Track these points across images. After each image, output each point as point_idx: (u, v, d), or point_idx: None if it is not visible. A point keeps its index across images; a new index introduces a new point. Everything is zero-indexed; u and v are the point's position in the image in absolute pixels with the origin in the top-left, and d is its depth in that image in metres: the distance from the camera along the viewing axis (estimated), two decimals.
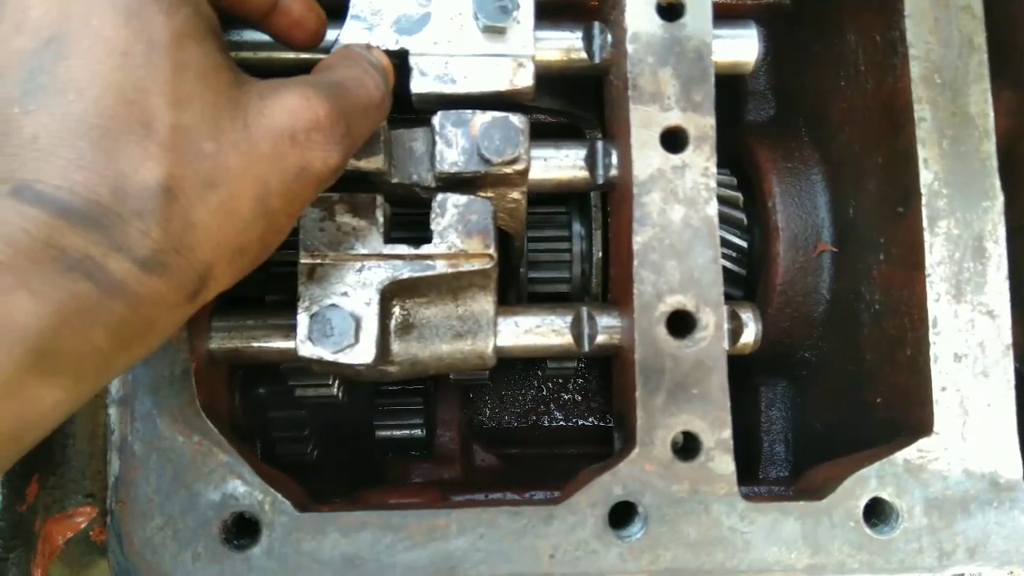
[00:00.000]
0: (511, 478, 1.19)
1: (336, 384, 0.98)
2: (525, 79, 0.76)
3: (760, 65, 1.08)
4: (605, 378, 1.35)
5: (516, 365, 1.37)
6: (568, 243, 1.01)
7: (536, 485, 1.06)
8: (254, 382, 1.03)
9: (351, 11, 0.75)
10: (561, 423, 1.40)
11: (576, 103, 0.96)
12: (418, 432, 1.17)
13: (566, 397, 1.41)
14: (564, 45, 0.80)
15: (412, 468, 1.17)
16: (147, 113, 0.51)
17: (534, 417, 1.41)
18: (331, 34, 0.73)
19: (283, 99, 0.58)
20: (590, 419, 1.39)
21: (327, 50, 0.73)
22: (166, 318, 0.54)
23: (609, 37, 0.80)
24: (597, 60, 0.81)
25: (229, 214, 0.55)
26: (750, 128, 1.03)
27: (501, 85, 0.76)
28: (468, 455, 1.20)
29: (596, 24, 0.81)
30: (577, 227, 1.01)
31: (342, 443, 1.18)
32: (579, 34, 0.80)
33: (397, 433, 1.16)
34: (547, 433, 1.38)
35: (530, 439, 1.35)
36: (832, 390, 0.94)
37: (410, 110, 0.77)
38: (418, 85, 0.75)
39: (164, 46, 0.53)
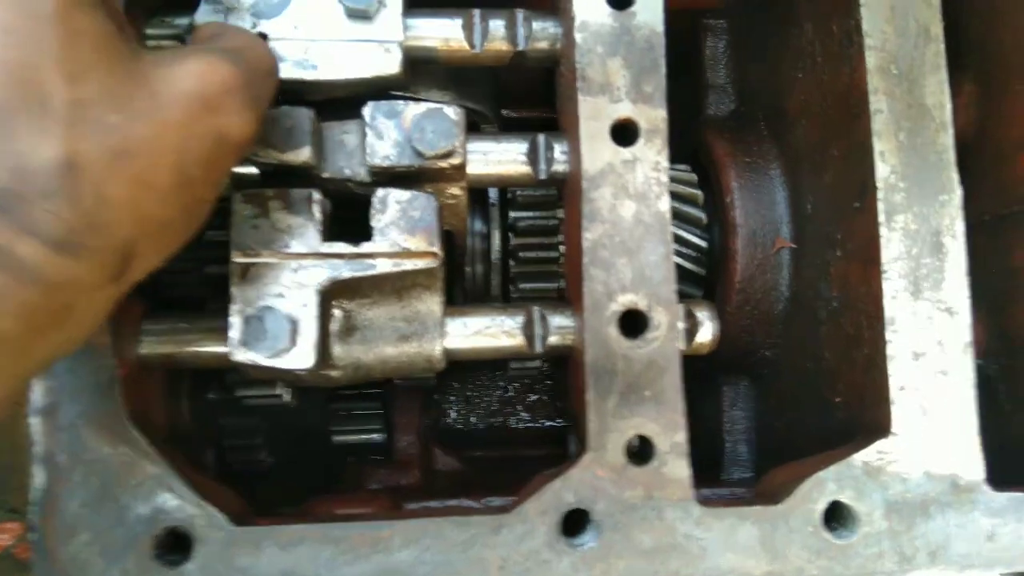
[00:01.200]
0: (471, 483, 1.16)
1: (285, 389, 0.94)
2: (392, 66, 0.73)
3: (721, 58, 1.06)
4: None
5: (482, 366, 1.34)
6: (467, 238, 0.97)
7: (496, 490, 1.04)
8: (204, 387, 0.99)
9: None
10: (528, 424, 1.38)
11: (469, 97, 0.93)
12: (376, 436, 1.14)
13: (533, 398, 1.39)
14: (443, 34, 0.77)
15: (369, 474, 1.13)
16: (41, 89, 0.48)
17: (501, 418, 1.38)
18: (185, 19, 0.70)
19: (188, 65, 0.56)
20: (557, 420, 1.37)
21: (179, 37, 0.70)
22: (87, 302, 0.51)
23: (534, 26, 0.78)
24: (522, 47, 0.77)
25: (146, 186, 0.52)
26: (710, 122, 1.01)
27: (366, 71, 0.73)
28: (427, 459, 1.17)
29: (520, 12, 0.78)
30: (477, 224, 0.98)
31: (297, 449, 1.14)
32: (459, 22, 0.77)
33: (354, 438, 1.13)
34: (514, 434, 1.36)
35: (496, 441, 1.32)
36: (793, 389, 0.92)
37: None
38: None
39: (51, 18, 0.49)
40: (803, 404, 0.89)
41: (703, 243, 0.96)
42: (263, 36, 0.71)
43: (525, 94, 0.96)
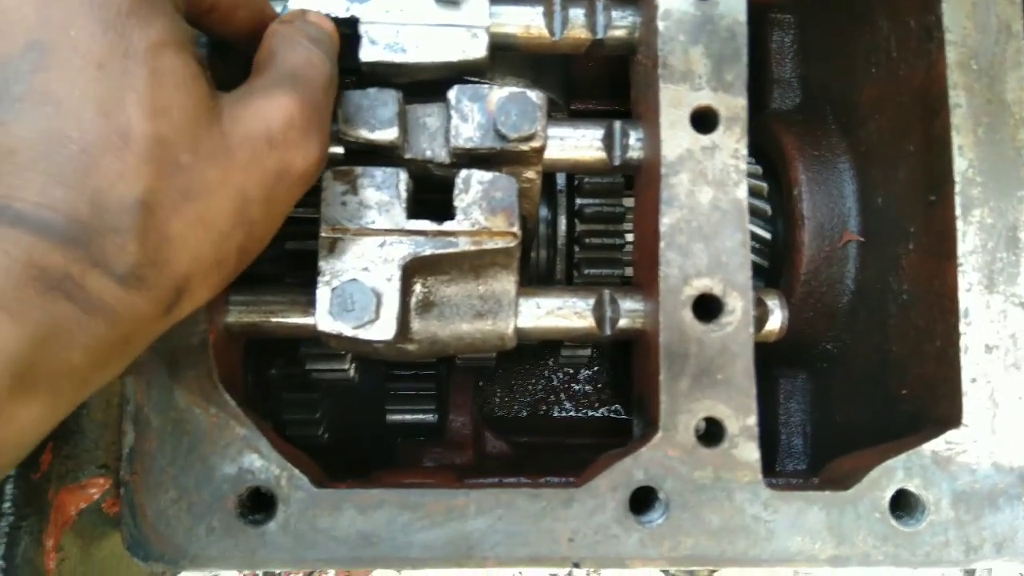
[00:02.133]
0: (524, 465, 1.18)
1: (352, 365, 0.97)
2: (478, 50, 0.75)
3: (787, 53, 1.07)
4: (616, 368, 1.34)
5: (526, 354, 1.35)
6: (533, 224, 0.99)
7: (550, 473, 1.05)
8: (266, 364, 1.02)
9: None
10: (571, 414, 1.39)
11: (542, 85, 0.95)
12: (430, 417, 1.16)
13: (576, 387, 1.40)
14: (524, 20, 0.79)
15: (424, 452, 1.15)
16: (125, 125, 0.51)
17: (544, 407, 1.40)
18: (279, 4, 0.72)
19: (254, 104, 0.58)
20: (600, 410, 1.38)
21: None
22: (142, 333, 0.54)
23: (613, 14, 0.79)
24: (601, 36, 0.79)
25: (206, 226, 0.55)
26: (775, 116, 1.02)
27: (453, 55, 0.74)
28: (480, 441, 1.19)
29: (599, 0, 0.80)
30: (543, 211, 1.00)
31: (352, 427, 1.17)
32: (540, 9, 0.79)
33: (409, 417, 1.15)
34: (556, 423, 1.37)
35: (539, 429, 1.33)
36: (854, 382, 0.92)
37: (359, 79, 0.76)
38: (367, 54, 0.74)
39: (141, 56, 0.52)
40: (865, 397, 0.90)
41: (767, 235, 0.96)
42: (354, 20, 0.73)
43: (592, 86, 0.98)
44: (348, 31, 0.72)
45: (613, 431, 1.31)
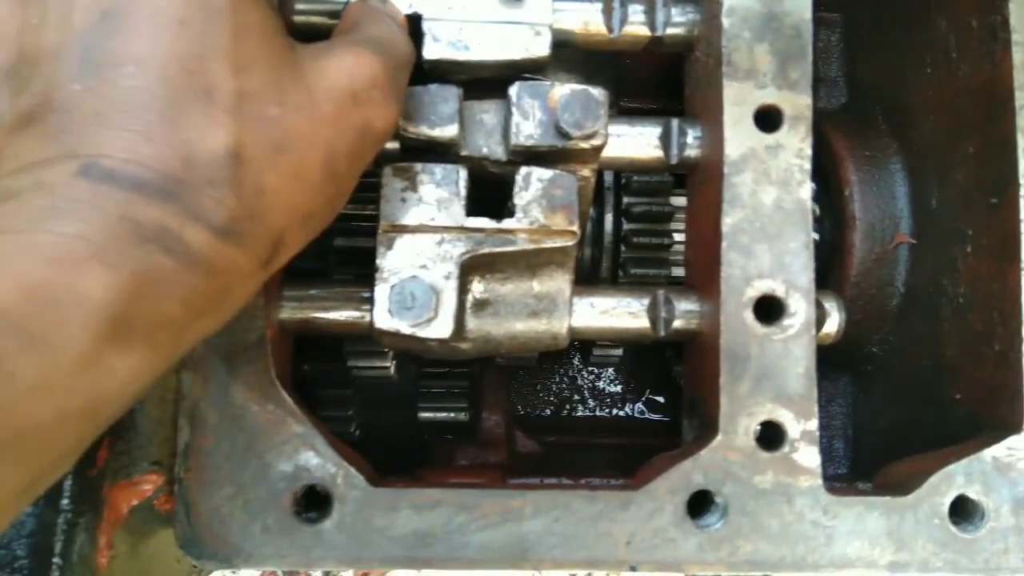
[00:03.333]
0: (555, 465, 1.17)
1: (392, 363, 0.96)
2: (542, 48, 0.74)
3: (833, 51, 1.05)
4: (641, 368, 1.33)
5: (551, 352, 1.34)
6: None
7: (587, 474, 1.05)
8: (300, 359, 1.01)
9: None
10: (596, 413, 1.38)
11: (593, 82, 0.93)
12: (462, 415, 1.15)
13: (601, 386, 1.39)
14: (583, 17, 0.78)
15: (457, 451, 1.15)
16: (209, 80, 0.50)
17: (568, 406, 1.39)
18: None
19: (339, 59, 0.57)
20: (625, 409, 1.37)
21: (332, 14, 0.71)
22: (240, 287, 0.53)
23: (672, 12, 0.78)
24: (660, 33, 0.78)
25: (299, 178, 0.54)
26: (824, 115, 1.01)
27: (516, 54, 0.73)
28: (512, 440, 1.18)
29: None
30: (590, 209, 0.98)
31: (383, 423, 1.16)
32: (599, 6, 0.78)
33: (441, 415, 1.15)
34: (581, 422, 1.36)
35: (564, 428, 1.33)
36: (902, 386, 0.92)
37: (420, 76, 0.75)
38: (431, 51, 0.73)
39: (222, 11, 0.52)
40: (914, 401, 0.89)
41: (815, 236, 0.95)
42: (417, 16, 0.72)
43: (643, 85, 0.97)
44: (410, 27, 0.71)
45: (640, 432, 1.30)
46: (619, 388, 1.36)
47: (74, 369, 0.42)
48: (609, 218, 0.96)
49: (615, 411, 1.37)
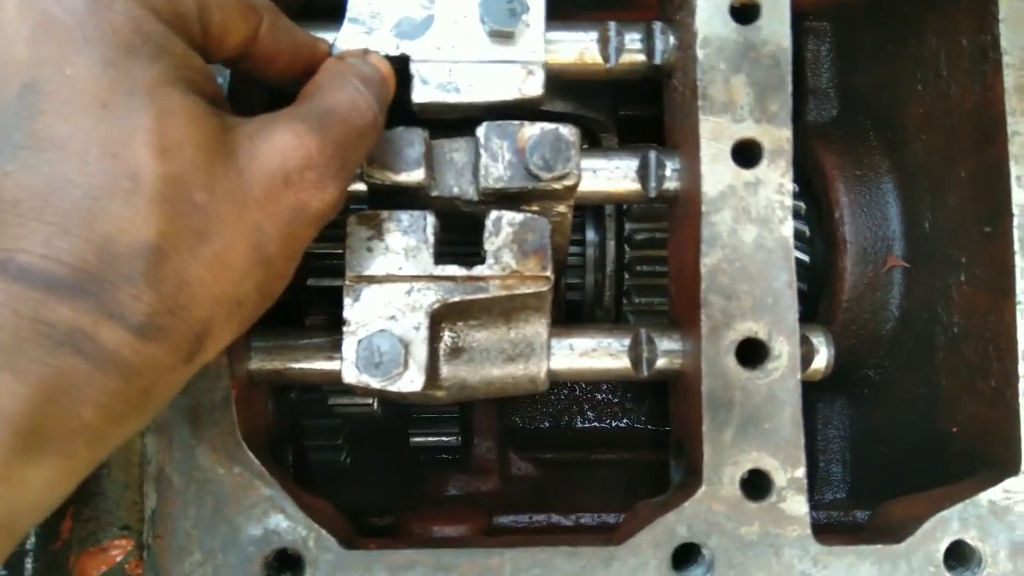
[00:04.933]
0: (550, 491, 1.15)
1: (375, 400, 0.94)
2: (535, 87, 0.70)
3: (823, 62, 1.02)
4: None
5: None
6: (581, 248, 0.96)
7: (580, 503, 1.03)
8: (286, 387, 0.99)
9: (349, 13, 0.69)
10: (594, 424, 1.36)
11: (591, 106, 0.90)
12: (453, 440, 1.13)
13: (599, 397, 1.37)
14: (578, 48, 0.75)
15: (448, 480, 1.13)
16: (133, 166, 0.48)
17: (567, 418, 1.37)
18: (328, 37, 0.68)
19: (273, 139, 0.54)
20: (624, 420, 1.35)
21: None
22: (162, 385, 0.51)
23: (671, 39, 0.75)
24: (659, 61, 0.75)
25: (224, 267, 0.52)
26: (812, 130, 0.97)
27: (509, 94, 0.70)
28: (505, 464, 1.17)
29: (658, 24, 0.76)
30: (591, 234, 0.96)
31: (375, 449, 1.15)
32: (594, 35, 0.75)
33: (432, 440, 1.13)
34: (580, 435, 1.34)
35: (563, 441, 1.31)
36: (899, 412, 0.89)
37: (410, 116, 0.72)
38: (420, 94, 0.70)
39: (145, 92, 0.49)
40: (911, 430, 0.86)
41: (805, 258, 0.92)
42: (405, 58, 0.69)
43: (641, 92, 0.93)
44: (397, 68, 0.67)
45: (637, 444, 1.27)
46: (618, 399, 1.34)
47: None
48: (611, 244, 0.93)
49: (614, 422, 1.35)
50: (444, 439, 1.13)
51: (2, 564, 0.45)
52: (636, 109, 1.01)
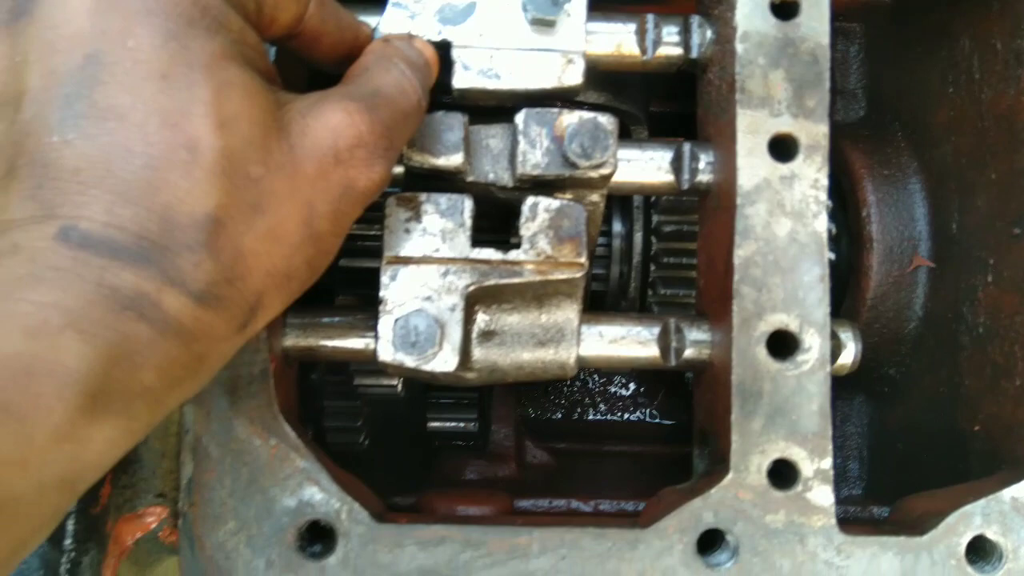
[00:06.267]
0: (565, 478, 1.16)
1: (399, 381, 0.95)
2: (574, 76, 0.72)
3: (852, 63, 1.03)
4: (654, 372, 1.32)
5: None
6: (608, 238, 0.97)
7: (598, 490, 1.04)
8: (308, 368, 1.01)
9: None
10: (607, 417, 1.37)
11: (623, 98, 0.91)
12: (471, 426, 1.14)
13: (612, 390, 1.38)
14: (616, 40, 0.76)
15: (466, 465, 1.14)
16: (192, 137, 0.49)
17: (579, 410, 1.38)
18: (371, 20, 0.69)
19: (325, 116, 0.56)
20: (636, 413, 1.36)
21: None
22: (217, 353, 0.52)
23: (708, 33, 0.76)
24: (695, 55, 0.76)
25: (277, 240, 0.53)
26: (840, 130, 0.98)
27: (548, 82, 0.71)
28: (521, 452, 1.18)
29: (695, 18, 0.77)
30: (617, 226, 0.97)
31: (392, 433, 1.16)
32: (632, 27, 0.76)
33: (450, 426, 1.14)
34: (592, 427, 1.36)
35: (575, 433, 1.32)
36: (920, 411, 0.90)
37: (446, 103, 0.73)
38: (461, 80, 0.71)
39: (205, 66, 0.50)
40: (931, 429, 0.87)
41: (830, 255, 0.93)
42: (447, 44, 0.70)
43: (673, 89, 0.94)
44: (439, 55, 0.69)
45: (649, 437, 1.29)
46: (630, 392, 1.35)
47: (50, 441, 0.41)
48: (639, 236, 0.94)
49: (626, 415, 1.36)
50: (462, 425, 1.14)
51: (61, 519, 0.46)
52: (666, 106, 1.02)
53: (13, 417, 0.40)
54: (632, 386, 1.35)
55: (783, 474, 0.69)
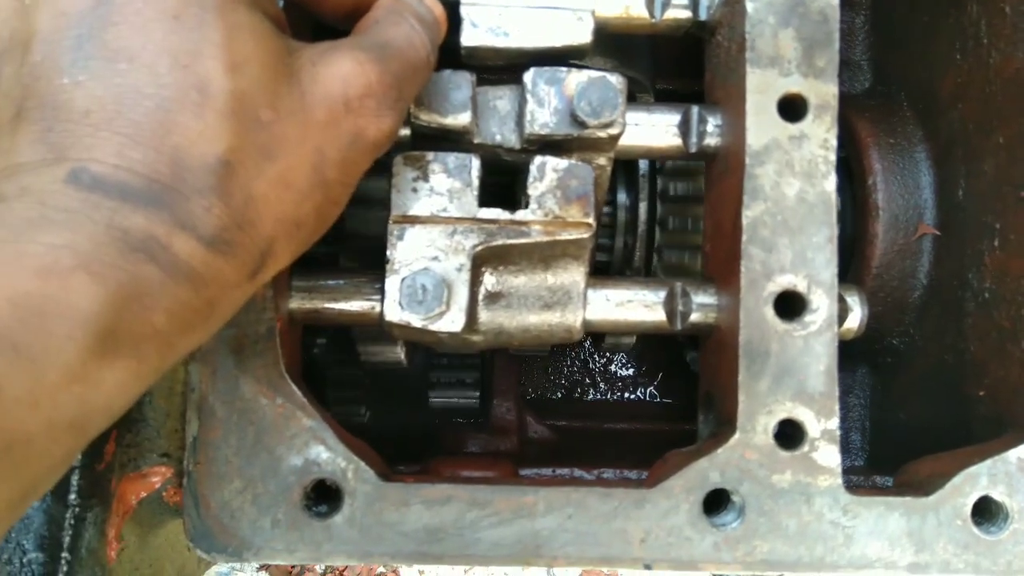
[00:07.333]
0: (566, 452, 1.16)
1: (402, 348, 0.95)
2: (583, 34, 0.71)
3: (858, 33, 1.02)
4: (653, 350, 1.32)
5: None
6: (612, 208, 0.96)
7: (599, 462, 1.04)
8: (310, 340, 1.00)
9: None
10: (607, 397, 1.37)
11: (631, 66, 0.91)
12: (472, 401, 1.14)
13: (612, 370, 1.38)
14: (624, 2, 0.75)
15: (467, 437, 1.14)
16: (203, 79, 0.48)
17: (579, 390, 1.38)
18: None
19: (336, 65, 0.55)
20: (636, 392, 1.36)
21: None
22: (227, 299, 0.52)
23: None
24: (703, 17, 0.76)
25: (287, 186, 0.53)
26: (846, 100, 0.98)
27: (557, 40, 0.71)
28: (523, 426, 1.18)
29: None
30: (622, 196, 0.96)
31: (393, 407, 1.16)
32: None
33: (452, 401, 1.14)
34: (592, 406, 1.36)
35: (575, 411, 1.32)
36: (923, 379, 0.90)
37: (454, 64, 0.72)
38: (469, 37, 0.70)
39: (217, 8, 0.50)
40: (935, 396, 0.87)
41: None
42: (456, 2, 0.69)
43: (678, 66, 0.94)
44: (447, 12, 0.68)
45: (650, 416, 1.29)
46: (631, 372, 1.35)
47: (61, 382, 0.41)
48: (643, 206, 0.94)
49: (626, 395, 1.36)
50: (463, 400, 1.14)
51: (70, 464, 0.46)
52: (671, 83, 1.01)
53: (24, 357, 0.40)
54: (633, 366, 1.35)
55: (789, 434, 0.69)
